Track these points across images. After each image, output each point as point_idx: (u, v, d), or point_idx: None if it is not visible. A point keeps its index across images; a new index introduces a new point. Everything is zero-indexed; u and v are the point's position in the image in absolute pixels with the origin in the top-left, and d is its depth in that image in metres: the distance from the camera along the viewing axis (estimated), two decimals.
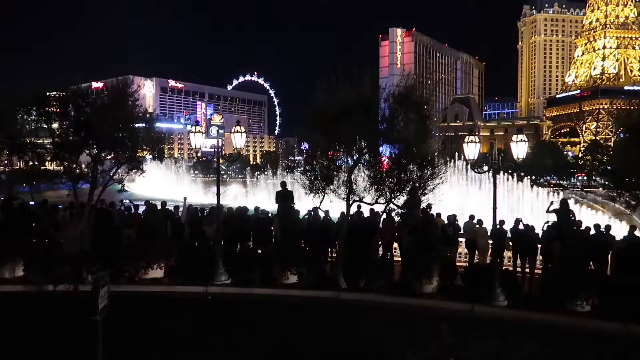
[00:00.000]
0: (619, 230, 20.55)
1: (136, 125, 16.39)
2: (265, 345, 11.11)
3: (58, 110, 15.62)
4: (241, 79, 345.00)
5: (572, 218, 16.63)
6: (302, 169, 16.90)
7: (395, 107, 15.31)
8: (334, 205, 17.36)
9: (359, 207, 17.71)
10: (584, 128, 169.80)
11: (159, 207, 19.31)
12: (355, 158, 15.76)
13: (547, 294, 14.23)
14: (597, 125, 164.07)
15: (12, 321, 12.31)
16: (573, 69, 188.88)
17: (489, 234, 16.91)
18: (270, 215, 19.03)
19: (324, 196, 16.04)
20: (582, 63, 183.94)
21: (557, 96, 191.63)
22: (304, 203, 18.58)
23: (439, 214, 19.31)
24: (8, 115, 15.11)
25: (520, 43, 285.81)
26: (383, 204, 16.10)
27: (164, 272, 16.27)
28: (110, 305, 7.94)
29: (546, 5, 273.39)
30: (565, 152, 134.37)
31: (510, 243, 17.48)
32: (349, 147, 15.30)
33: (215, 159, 17.04)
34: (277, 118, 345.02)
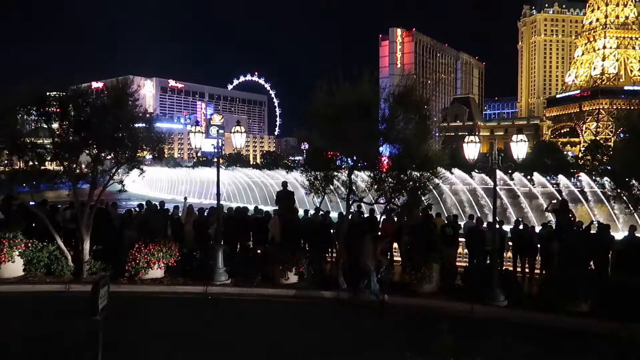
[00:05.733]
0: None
1: (136, 125, 16.36)
2: (266, 345, 11.11)
3: (58, 110, 15.59)
4: (241, 78, 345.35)
5: (572, 218, 16.66)
6: (302, 168, 16.92)
7: (395, 107, 15.32)
8: (334, 206, 17.40)
9: (359, 207, 17.73)
10: (584, 128, 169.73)
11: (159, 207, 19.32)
12: (355, 158, 15.77)
13: (547, 294, 14.24)
14: (597, 125, 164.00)
15: (12, 321, 12.32)
16: (573, 69, 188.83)
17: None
18: (271, 214, 19.04)
19: (323, 196, 16.05)
20: (582, 63, 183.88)
21: (557, 96, 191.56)
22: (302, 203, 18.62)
23: (438, 214, 19.34)
24: (8, 115, 15.10)
25: (520, 43, 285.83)
26: (383, 204, 16.12)
27: (163, 272, 16.28)
28: (111, 305, 7.94)
29: (546, 5, 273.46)
30: (565, 152, 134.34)
31: (510, 243, 17.50)
32: (349, 147, 15.29)
33: (215, 159, 17.06)
34: (277, 118, 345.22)
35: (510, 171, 15.24)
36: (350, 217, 16.52)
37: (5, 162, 18.53)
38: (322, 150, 16.09)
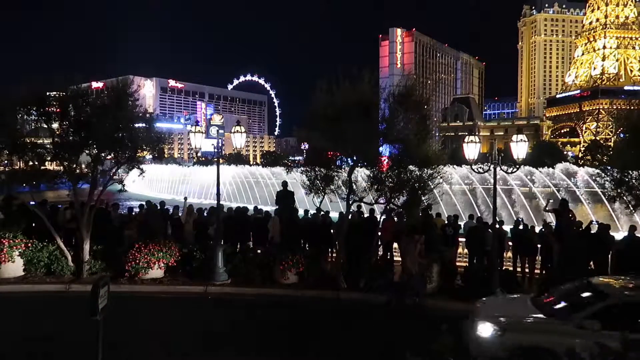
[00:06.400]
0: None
1: (136, 125, 16.37)
2: (265, 345, 11.11)
3: (58, 110, 15.59)
4: (241, 78, 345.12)
5: (572, 218, 16.64)
6: (302, 169, 16.91)
7: (395, 107, 15.32)
8: (334, 206, 17.37)
9: (359, 207, 17.72)
10: (584, 128, 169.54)
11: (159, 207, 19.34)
12: (355, 158, 15.77)
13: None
14: (597, 125, 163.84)
15: (12, 321, 12.32)
16: (573, 69, 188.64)
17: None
18: (271, 214, 19.05)
19: (323, 196, 16.06)
20: (582, 63, 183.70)
21: (557, 96, 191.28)
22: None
23: (438, 214, 19.34)
24: (8, 115, 15.09)
25: (520, 43, 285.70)
26: (383, 204, 16.11)
27: (163, 272, 16.27)
28: (111, 305, 7.93)
29: (546, 5, 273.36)
30: (565, 152, 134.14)
31: (510, 243, 17.51)
32: (349, 147, 15.30)
33: (215, 159, 17.06)
34: (277, 118, 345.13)
35: (511, 171, 15.18)
36: (350, 217, 16.52)
37: (5, 162, 18.52)
38: (322, 150, 16.09)
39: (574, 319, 8.88)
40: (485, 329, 9.39)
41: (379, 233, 17.22)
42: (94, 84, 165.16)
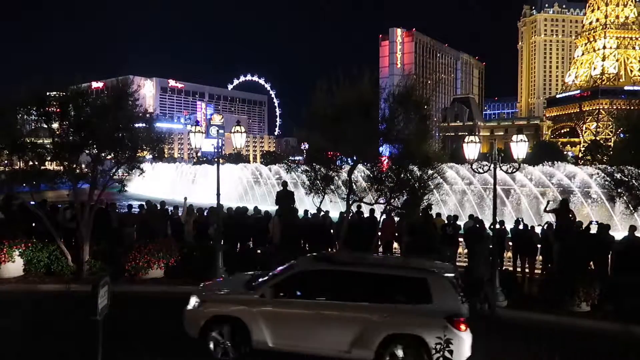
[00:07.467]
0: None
1: (136, 125, 16.37)
2: None
3: (58, 110, 15.59)
4: (241, 78, 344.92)
5: (572, 218, 16.66)
6: (302, 169, 16.91)
7: (395, 107, 15.33)
8: (334, 206, 17.39)
9: (359, 207, 17.73)
10: (584, 128, 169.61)
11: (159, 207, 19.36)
12: (355, 158, 15.79)
13: (547, 294, 14.24)
14: (597, 125, 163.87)
15: (11, 321, 12.32)
16: (573, 69, 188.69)
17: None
18: (271, 214, 19.05)
19: (323, 196, 16.06)
20: (582, 63, 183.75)
21: (557, 96, 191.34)
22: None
23: (438, 214, 19.35)
24: (8, 115, 15.09)
25: (520, 43, 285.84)
26: (383, 204, 16.12)
27: (164, 272, 16.27)
28: (111, 305, 7.93)
29: (546, 5, 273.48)
30: (565, 152, 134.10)
31: (510, 243, 17.51)
32: (349, 147, 15.31)
33: (216, 159, 17.06)
34: (277, 118, 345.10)
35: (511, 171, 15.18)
36: (350, 217, 16.51)
37: (5, 162, 18.53)
38: (322, 150, 16.10)
39: (258, 289, 9.66)
40: (191, 302, 10.24)
41: (379, 233, 17.21)
42: (94, 84, 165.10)
